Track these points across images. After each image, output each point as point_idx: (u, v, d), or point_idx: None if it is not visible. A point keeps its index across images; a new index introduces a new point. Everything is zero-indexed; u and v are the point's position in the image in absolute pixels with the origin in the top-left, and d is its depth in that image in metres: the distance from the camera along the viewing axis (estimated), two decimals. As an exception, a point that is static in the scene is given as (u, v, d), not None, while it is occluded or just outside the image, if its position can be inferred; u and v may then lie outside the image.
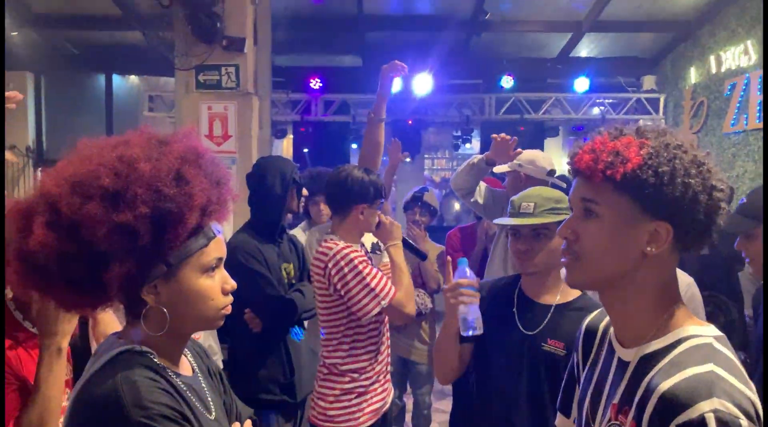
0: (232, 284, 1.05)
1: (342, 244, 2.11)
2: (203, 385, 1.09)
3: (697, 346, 0.93)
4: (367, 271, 2.06)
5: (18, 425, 1.34)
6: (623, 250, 0.96)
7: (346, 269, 2.04)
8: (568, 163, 1.04)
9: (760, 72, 5.41)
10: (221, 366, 2.19)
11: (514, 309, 1.75)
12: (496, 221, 1.87)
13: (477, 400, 1.78)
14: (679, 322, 0.97)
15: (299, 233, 3.35)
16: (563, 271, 1.13)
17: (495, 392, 1.72)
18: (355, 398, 2.12)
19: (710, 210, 0.94)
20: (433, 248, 3.93)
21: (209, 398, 1.08)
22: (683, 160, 0.93)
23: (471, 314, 1.66)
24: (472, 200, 3.03)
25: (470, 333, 1.65)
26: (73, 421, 0.92)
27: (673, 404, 0.86)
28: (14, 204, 0.97)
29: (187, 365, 1.09)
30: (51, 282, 0.94)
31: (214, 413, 1.06)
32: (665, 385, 0.88)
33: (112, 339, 1.03)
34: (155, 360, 0.98)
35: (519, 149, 2.87)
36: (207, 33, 3.69)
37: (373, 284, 2.05)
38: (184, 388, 1.00)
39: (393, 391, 2.32)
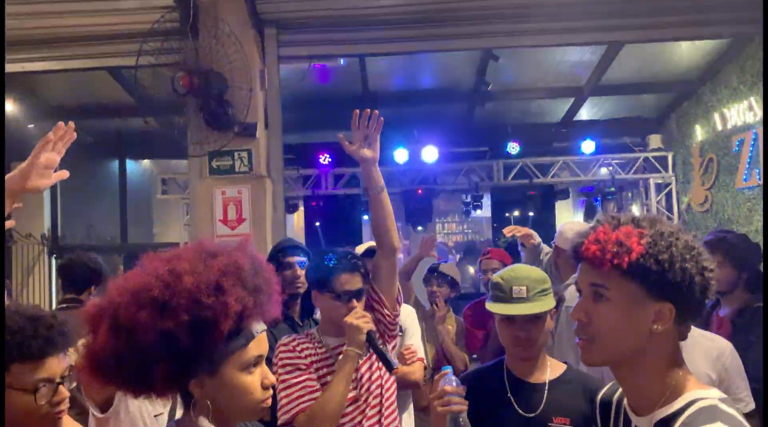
0: (271, 379, 1.16)
1: (292, 338, 2.03)
2: None
3: (704, 408, 1.03)
4: (284, 377, 1.91)
5: None
6: (633, 329, 1.08)
7: (274, 367, 1.95)
8: (573, 251, 1.15)
9: (767, 127, 5.44)
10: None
11: (509, 394, 1.72)
12: (493, 308, 1.78)
13: None
14: (686, 387, 1.08)
15: None
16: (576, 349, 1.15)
17: None
18: None
19: (704, 288, 1.07)
20: (452, 322, 3.85)
21: None
22: (678, 247, 1.06)
23: (460, 421, 1.57)
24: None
25: None
26: None
27: None
28: (89, 307, 1.13)
29: None
30: (110, 377, 1.10)
31: None
32: None
33: (170, 425, 1.21)
34: None
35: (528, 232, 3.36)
36: (219, 120, 3.77)
37: (280, 394, 1.90)
38: None
39: None
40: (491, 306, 1.79)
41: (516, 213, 8.01)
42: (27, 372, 1.35)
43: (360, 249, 3.01)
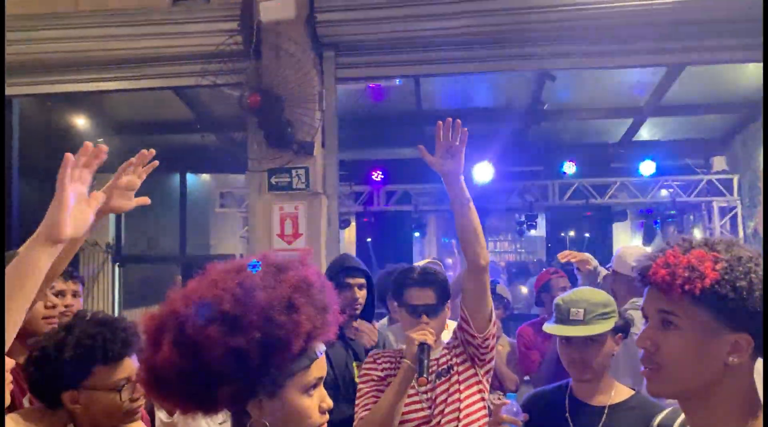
0: (329, 402, 1.11)
1: (379, 351, 2.09)
2: None
3: None
4: (360, 386, 1.99)
5: None
6: (705, 361, 0.99)
7: None
8: (639, 274, 1.07)
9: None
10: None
11: (567, 415, 1.72)
12: (549, 329, 1.81)
13: None
14: None
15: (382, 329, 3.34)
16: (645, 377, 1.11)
17: None
18: None
19: None
20: (504, 343, 3.80)
21: None
22: (758, 274, 0.97)
23: None
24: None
25: None
26: None
27: None
28: (150, 317, 1.07)
29: None
30: (170, 393, 1.05)
31: None
32: None
33: None
34: None
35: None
36: (279, 139, 3.87)
37: (357, 402, 1.97)
38: None
39: None
40: (548, 327, 1.82)
41: (571, 233, 7.87)
42: (110, 373, 1.47)
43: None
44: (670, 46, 4.21)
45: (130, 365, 1.50)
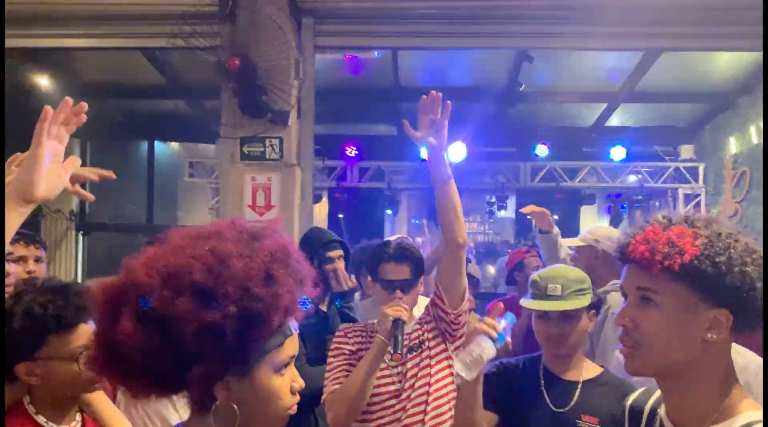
0: (300, 382, 1.02)
1: (350, 325, 2.08)
2: None
3: None
4: (330, 360, 1.97)
5: None
6: (684, 338, 0.98)
7: None
8: (619, 252, 1.06)
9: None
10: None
11: (542, 387, 1.75)
12: (527, 305, 1.82)
13: None
14: (741, 406, 0.99)
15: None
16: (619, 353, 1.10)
17: None
18: None
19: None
20: (474, 321, 3.83)
21: None
22: (737, 249, 0.96)
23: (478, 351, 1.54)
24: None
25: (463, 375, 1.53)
26: None
27: None
28: (104, 287, 0.95)
29: None
30: (131, 374, 0.93)
31: None
32: None
33: None
34: None
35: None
36: (253, 107, 3.78)
37: (327, 375, 1.95)
38: None
39: None
40: (526, 303, 1.84)
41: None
42: (65, 341, 1.38)
43: None
44: (651, 31, 4.23)
45: (87, 331, 1.40)
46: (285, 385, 0.99)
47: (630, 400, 1.21)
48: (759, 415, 0.97)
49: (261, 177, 3.90)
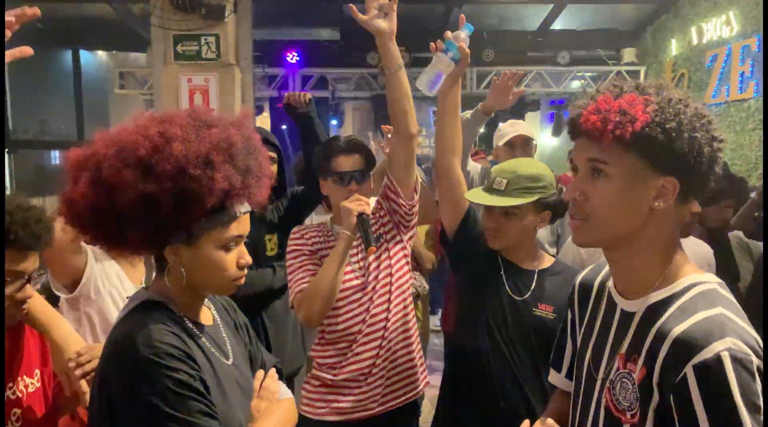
0: (247, 259, 1.16)
1: (303, 227, 2.03)
2: (224, 334, 1.22)
3: (704, 292, 0.97)
4: (290, 261, 1.93)
5: None
6: (633, 207, 0.99)
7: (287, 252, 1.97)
8: (570, 124, 1.04)
9: (743, 42, 5.42)
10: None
11: (502, 272, 1.76)
12: (467, 195, 1.81)
13: (465, 367, 1.79)
14: (684, 270, 1.01)
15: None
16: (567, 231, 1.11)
17: (484, 357, 1.73)
18: (321, 386, 1.95)
19: (711, 161, 0.98)
20: (421, 228, 3.87)
21: (228, 346, 1.21)
22: (687, 115, 0.95)
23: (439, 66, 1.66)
24: (468, 171, 2.97)
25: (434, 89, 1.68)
26: (102, 357, 1.09)
27: (687, 346, 0.90)
28: (73, 153, 1.08)
29: (208, 316, 1.22)
30: (85, 227, 1.09)
31: (231, 359, 1.19)
32: (678, 329, 0.92)
33: (140, 291, 1.20)
34: (173, 309, 1.12)
35: (522, 88, 2.76)
36: (185, 0, 3.52)
37: (290, 277, 1.92)
38: (199, 334, 1.14)
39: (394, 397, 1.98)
40: (469, 193, 1.81)
41: (482, 130, 7.93)
42: (12, 261, 1.25)
43: None
44: None
45: (31, 262, 1.29)
46: (231, 259, 1.13)
47: (579, 277, 1.23)
48: (702, 277, 1.00)
49: (197, 78, 3.69)
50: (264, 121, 8.17)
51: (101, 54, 7.73)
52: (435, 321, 4.81)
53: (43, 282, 1.97)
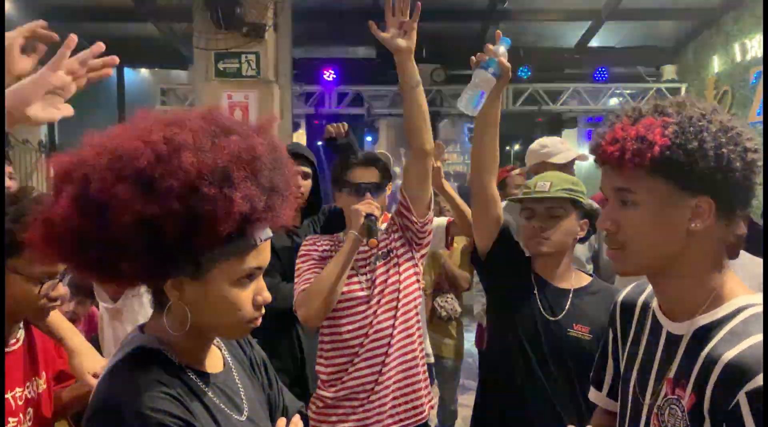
0: (265, 296, 0.95)
1: (317, 236, 2.06)
2: (237, 381, 1.03)
3: (755, 314, 0.93)
4: (298, 265, 1.95)
5: None
6: (668, 231, 0.96)
7: None
8: (592, 153, 1.03)
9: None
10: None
11: (535, 291, 1.73)
12: (509, 199, 1.84)
13: (497, 392, 1.77)
14: (733, 292, 0.97)
15: None
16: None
17: (518, 381, 1.70)
18: (323, 408, 1.92)
19: (747, 172, 0.93)
20: (457, 246, 3.82)
21: (242, 395, 1.01)
22: (710, 131, 0.92)
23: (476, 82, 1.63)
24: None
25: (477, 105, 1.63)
26: (86, 414, 0.89)
27: (739, 372, 0.86)
28: (59, 160, 0.88)
29: (216, 361, 1.02)
30: (66, 254, 0.88)
31: (245, 411, 0.99)
32: (729, 354, 0.89)
33: (136, 332, 0.97)
34: (172, 359, 0.92)
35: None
36: (227, 18, 3.61)
37: (296, 278, 1.93)
38: (203, 388, 0.94)
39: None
40: (511, 197, 1.81)
41: (517, 147, 7.86)
42: (36, 262, 1.27)
43: None
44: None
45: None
46: (246, 296, 0.92)
47: (621, 296, 1.20)
48: (753, 299, 0.96)
49: (237, 95, 3.77)
50: (300, 137, 8.27)
51: (143, 71, 7.96)
52: (470, 337, 4.76)
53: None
